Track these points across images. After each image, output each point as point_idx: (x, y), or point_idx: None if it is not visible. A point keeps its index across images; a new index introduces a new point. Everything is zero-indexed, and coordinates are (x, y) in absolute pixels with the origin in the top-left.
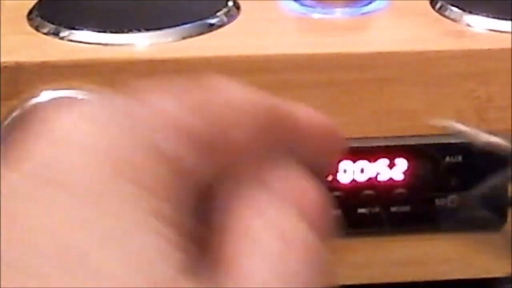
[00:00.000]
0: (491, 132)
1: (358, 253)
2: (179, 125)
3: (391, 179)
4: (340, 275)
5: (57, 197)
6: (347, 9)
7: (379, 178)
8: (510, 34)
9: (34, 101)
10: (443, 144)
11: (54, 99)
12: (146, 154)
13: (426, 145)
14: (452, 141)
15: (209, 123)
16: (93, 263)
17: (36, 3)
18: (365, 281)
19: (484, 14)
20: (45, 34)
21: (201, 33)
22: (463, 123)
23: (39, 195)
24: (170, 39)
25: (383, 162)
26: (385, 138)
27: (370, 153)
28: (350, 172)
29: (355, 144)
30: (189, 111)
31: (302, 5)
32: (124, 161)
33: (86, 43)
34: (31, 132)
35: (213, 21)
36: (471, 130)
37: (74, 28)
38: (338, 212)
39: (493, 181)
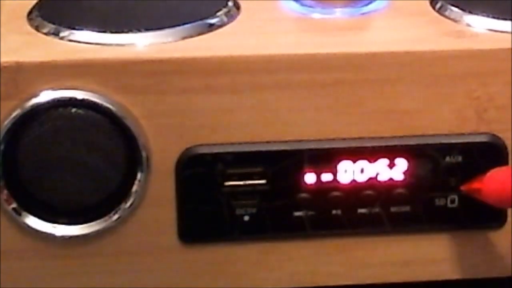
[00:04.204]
0: (491, 132)
1: (358, 253)
2: None
3: (391, 179)
4: (340, 275)
5: None
6: (347, 9)
7: (379, 178)
8: (510, 34)
9: (34, 101)
10: (443, 144)
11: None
12: None
13: (426, 145)
14: (452, 141)
15: None
16: None
17: (36, 3)
18: (364, 281)
19: (484, 14)
20: (45, 34)
21: (201, 33)
22: None
23: None
24: (170, 39)
25: (383, 162)
26: (385, 138)
27: (370, 153)
28: (350, 172)
29: (355, 144)
30: None
31: (302, 5)
32: None
33: (86, 43)
34: None
35: (213, 21)
36: None
37: (74, 28)
38: (338, 212)
39: None
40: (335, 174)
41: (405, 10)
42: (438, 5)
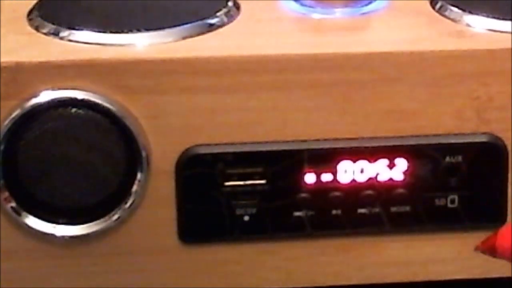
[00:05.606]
0: (491, 132)
1: (358, 253)
2: None
3: (391, 179)
4: (340, 275)
5: None
6: (347, 9)
7: (379, 178)
8: (510, 34)
9: (34, 101)
10: (443, 144)
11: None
12: None
13: (426, 145)
14: (452, 141)
15: None
16: None
17: (36, 3)
18: (364, 281)
19: (484, 14)
20: (45, 34)
21: (201, 33)
22: None
23: None
24: (170, 39)
25: (383, 162)
26: (385, 138)
27: (370, 153)
28: (350, 172)
29: (355, 144)
30: None
31: (302, 5)
32: None
33: (86, 43)
34: None
35: (213, 21)
36: None
37: (74, 28)
38: (338, 212)
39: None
40: (335, 174)
41: (405, 10)
42: (438, 5)
